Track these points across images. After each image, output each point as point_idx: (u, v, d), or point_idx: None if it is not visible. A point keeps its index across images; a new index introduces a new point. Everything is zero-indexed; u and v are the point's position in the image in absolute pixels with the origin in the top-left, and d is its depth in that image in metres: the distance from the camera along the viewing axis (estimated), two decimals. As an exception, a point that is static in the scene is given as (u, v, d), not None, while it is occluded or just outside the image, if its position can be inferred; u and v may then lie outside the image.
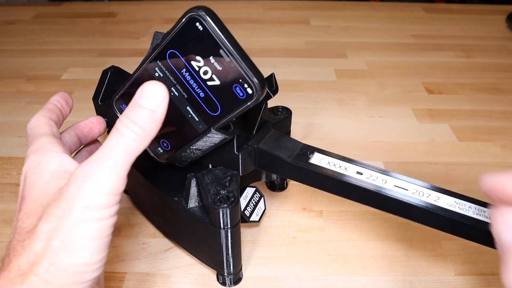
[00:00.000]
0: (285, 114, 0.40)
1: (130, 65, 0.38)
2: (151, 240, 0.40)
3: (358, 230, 0.41)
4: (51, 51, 0.76)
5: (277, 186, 0.45)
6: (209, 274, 0.36)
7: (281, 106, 0.40)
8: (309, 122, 0.56)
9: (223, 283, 0.35)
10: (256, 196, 0.37)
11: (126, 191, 0.45)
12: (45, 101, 0.31)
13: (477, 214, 0.28)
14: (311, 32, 0.85)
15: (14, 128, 0.55)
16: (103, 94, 0.37)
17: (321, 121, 0.57)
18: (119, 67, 0.38)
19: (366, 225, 0.41)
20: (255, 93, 0.26)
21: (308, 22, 0.90)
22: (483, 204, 0.29)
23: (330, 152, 0.33)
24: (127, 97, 0.32)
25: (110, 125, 0.38)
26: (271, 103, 0.39)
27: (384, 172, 0.31)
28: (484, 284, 0.36)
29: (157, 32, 0.30)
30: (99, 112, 0.38)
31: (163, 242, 0.39)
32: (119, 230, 0.40)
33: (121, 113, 0.33)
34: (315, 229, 0.41)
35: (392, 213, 0.30)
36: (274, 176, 0.43)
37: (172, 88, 0.29)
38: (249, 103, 0.26)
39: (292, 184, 0.46)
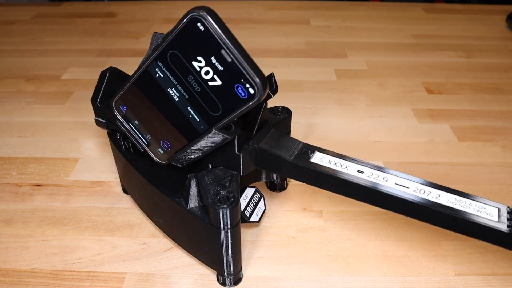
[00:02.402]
0: (285, 114, 0.40)
1: (130, 65, 0.38)
2: (151, 240, 0.40)
3: (358, 230, 0.41)
4: (51, 51, 0.76)
5: (277, 186, 0.45)
6: (209, 274, 0.36)
7: (281, 106, 0.40)
8: (309, 122, 0.56)
9: (223, 284, 0.35)
10: (256, 196, 0.37)
11: (126, 191, 0.45)
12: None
13: (477, 211, 0.28)
14: (311, 32, 0.85)
15: (14, 128, 0.55)
16: (102, 95, 0.37)
17: (321, 121, 0.57)
18: (117, 68, 0.38)
19: (366, 225, 0.41)
20: (257, 93, 0.26)
21: (308, 22, 0.90)
22: (483, 202, 0.29)
23: (330, 151, 0.33)
24: (128, 98, 0.32)
25: (109, 126, 0.38)
26: (271, 103, 0.39)
27: (384, 170, 0.31)
28: (484, 284, 0.36)
29: (156, 32, 0.30)
30: (98, 113, 0.38)
31: (163, 242, 0.39)
32: (119, 230, 0.40)
33: (120, 114, 0.33)
34: (315, 229, 0.41)
35: (393, 210, 0.30)
36: (274, 176, 0.43)
37: (173, 89, 0.29)
38: (250, 103, 0.26)
39: (292, 184, 0.46)
